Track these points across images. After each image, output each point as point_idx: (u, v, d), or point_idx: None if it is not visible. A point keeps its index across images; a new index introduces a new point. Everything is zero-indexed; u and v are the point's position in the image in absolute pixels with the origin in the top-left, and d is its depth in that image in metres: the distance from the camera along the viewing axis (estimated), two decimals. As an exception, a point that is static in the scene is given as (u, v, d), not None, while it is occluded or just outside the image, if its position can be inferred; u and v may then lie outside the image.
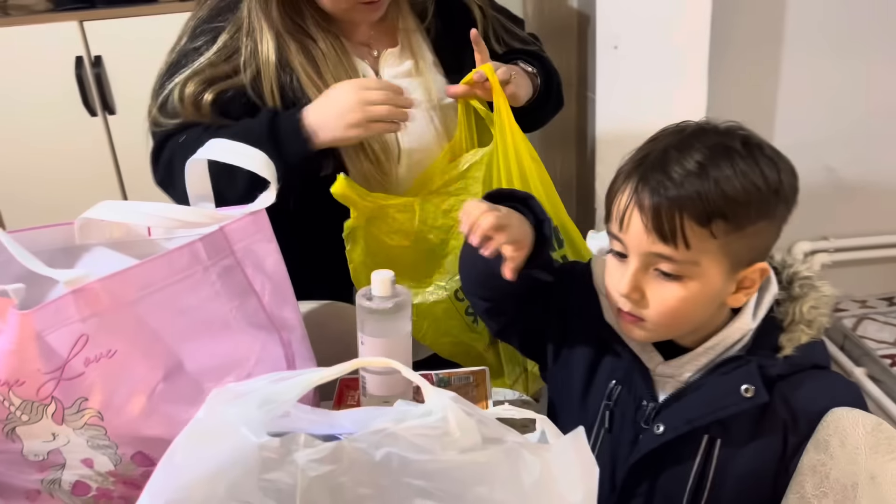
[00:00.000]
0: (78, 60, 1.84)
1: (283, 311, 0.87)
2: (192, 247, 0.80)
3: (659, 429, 0.81)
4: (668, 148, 0.76)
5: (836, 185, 2.30)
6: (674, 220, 0.72)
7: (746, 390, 0.76)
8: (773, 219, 0.76)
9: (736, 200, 0.72)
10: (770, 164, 0.75)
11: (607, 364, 0.88)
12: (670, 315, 0.77)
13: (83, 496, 0.80)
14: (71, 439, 0.76)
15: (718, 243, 0.73)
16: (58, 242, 0.88)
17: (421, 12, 1.22)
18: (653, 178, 0.74)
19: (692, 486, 0.81)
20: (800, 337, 0.79)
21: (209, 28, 1.13)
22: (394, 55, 1.20)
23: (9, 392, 0.71)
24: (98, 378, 0.73)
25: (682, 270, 0.75)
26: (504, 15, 1.31)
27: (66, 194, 1.58)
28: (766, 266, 0.78)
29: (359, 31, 1.19)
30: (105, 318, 0.73)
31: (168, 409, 0.75)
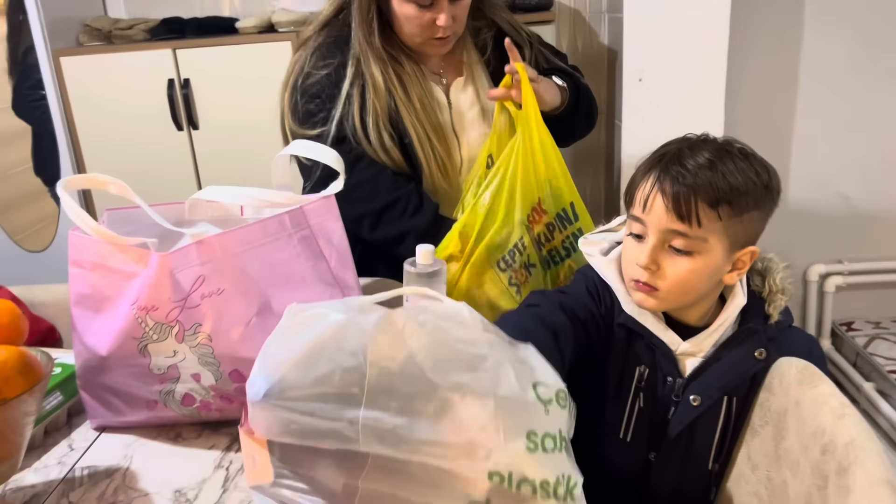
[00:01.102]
0: (170, 82, 2.09)
1: (344, 274, 1.08)
2: (280, 218, 1.01)
3: (696, 401, 0.94)
4: (681, 148, 0.93)
5: (850, 212, 2.43)
6: (690, 203, 0.88)
7: (760, 353, 0.93)
8: (762, 209, 0.92)
9: (738, 189, 0.88)
10: (761, 167, 0.93)
11: (634, 352, 0.99)
12: (681, 284, 0.91)
13: (189, 406, 1.01)
14: (187, 356, 0.97)
15: (723, 225, 0.89)
16: (171, 218, 1.10)
17: (482, 47, 1.45)
18: (672, 169, 0.90)
19: (718, 439, 0.95)
20: (780, 303, 0.96)
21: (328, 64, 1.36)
22: (460, 84, 1.44)
23: (146, 315, 0.94)
24: (210, 309, 0.94)
25: (692, 246, 0.90)
26: (549, 50, 1.53)
27: (155, 194, 1.83)
28: (756, 249, 0.93)
29: (431, 62, 1.42)
30: (217, 264, 0.94)
31: (258, 337, 0.92)
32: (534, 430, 0.66)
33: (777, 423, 0.86)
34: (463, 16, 1.35)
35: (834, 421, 0.74)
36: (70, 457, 0.98)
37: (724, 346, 0.96)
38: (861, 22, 2.25)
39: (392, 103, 1.35)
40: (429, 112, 1.38)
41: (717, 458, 0.97)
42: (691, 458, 0.98)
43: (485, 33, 1.46)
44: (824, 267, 2.48)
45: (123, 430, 1.04)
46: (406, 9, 1.31)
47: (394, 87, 1.35)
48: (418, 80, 1.38)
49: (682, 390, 0.96)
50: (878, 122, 2.35)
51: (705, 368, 0.95)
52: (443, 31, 1.32)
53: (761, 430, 0.89)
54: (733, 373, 0.94)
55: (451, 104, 1.43)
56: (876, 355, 2.33)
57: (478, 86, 1.45)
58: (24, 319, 0.89)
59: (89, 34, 2.21)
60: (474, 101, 1.44)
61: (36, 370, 0.80)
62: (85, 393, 1.02)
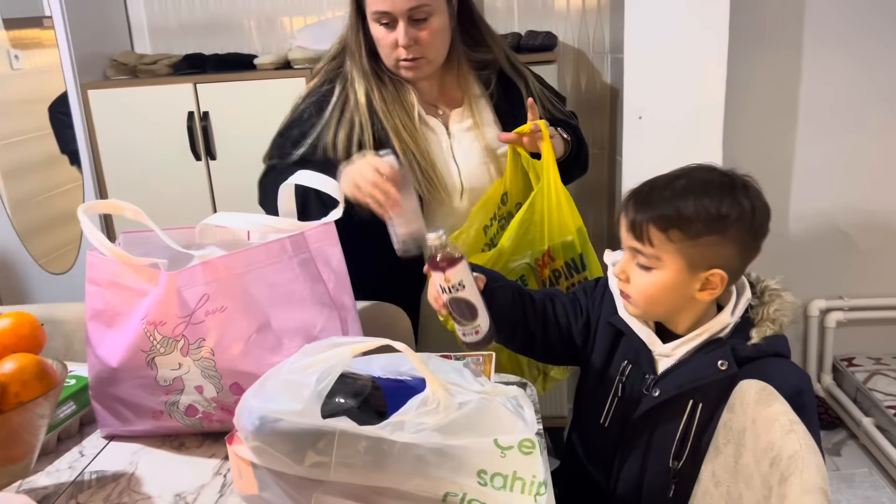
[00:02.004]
0: (190, 115, 2.18)
1: (342, 297, 1.15)
2: (282, 242, 1.08)
3: (656, 392, 1.06)
4: (656, 180, 1.05)
5: (850, 248, 2.48)
6: (641, 226, 1.02)
7: (722, 364, 1.01)
8: (723, 236, 1.00)
9: (688, 217, 0.99)
10: (730, 202, 1.00)
11: (621, 349, 1.14)
12: (644, 295, 1.05)
13: (192, 416, 1.08)
14: (191, 369, 1.04)
15: (675, 246, 1.00)
16: (182, 241, 1.17)
17: (486, 82, 1.52)
18: (639, 196, 1.04)
19: (679, 438, 1.05)
20: (765, 330, 1.04)
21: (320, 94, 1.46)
22: (458, 114, 1.50)
23: (154, 330, 1.01)
24: (213, 325, 1.01)
25: (650, 263, 1.03)
26: (550, 91, 1.62)
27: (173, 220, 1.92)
28: (724, 274, 1.01)
29: (427, 93, 1.49)
30: (221, 283, 1.02)
31: (257, 353, 1.03)
32: (484, 470, 0.78)
33: (737, 441, 0.92)
34: (430, 40, 1.38)
35: (782, 436, 0.79)
36: (80, 462, 1.06)
37: (695, 353, 1.06)
38: (858, 63, 2.31)
39: (377, 123, 1.41)
40: (411, 133, 1.42)
41: (678, 456, 1.05)
42: (654, 452, 1.07)
43: (490, 68, 1.52)
44: (825, 302, 2.52)
45: (131, 439, 1.11)
46: (376, 30, 1.39)
47: (376, 103, 1.41)
48: (401, 103, 1.44)
49: (652, 385, 1.07)
50: (876, 160, 2.40)
51: (675, 369, 1.06)
52: (405, 52, 1.37)
53: (724, 449, 0.94)
54: (693, 375, 1.03)
55: (450, 133, 1.49)
56: (875, 391, 2.35)
57: (478, 117, 1.50)
58: (43, 332, 0.97)
59: (116, 68, 2.33)
60: (474, 132, 1.49)
61: (51, 377, 0.88)
62: (96, 403, 1.10)
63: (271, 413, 0.78)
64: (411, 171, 1.40)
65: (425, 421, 0.78)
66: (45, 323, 1.33)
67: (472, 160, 1.49)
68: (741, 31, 2.20)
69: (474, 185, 1.48)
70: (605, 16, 2.34)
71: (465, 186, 1.48)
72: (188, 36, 2.52)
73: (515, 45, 2.18)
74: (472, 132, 1.50)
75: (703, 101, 2.03)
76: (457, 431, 0.79)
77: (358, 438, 0.77)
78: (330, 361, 0.81)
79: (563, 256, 1.45)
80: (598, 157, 2.45)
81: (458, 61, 1.49)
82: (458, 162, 1.48)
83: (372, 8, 1.36)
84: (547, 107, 1.56)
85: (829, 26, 2.29)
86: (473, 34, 1.50)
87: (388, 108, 1.42)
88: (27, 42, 2.50)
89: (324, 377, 0.80)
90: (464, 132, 1.50)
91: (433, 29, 1.37)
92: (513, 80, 1.53)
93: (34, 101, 2.52)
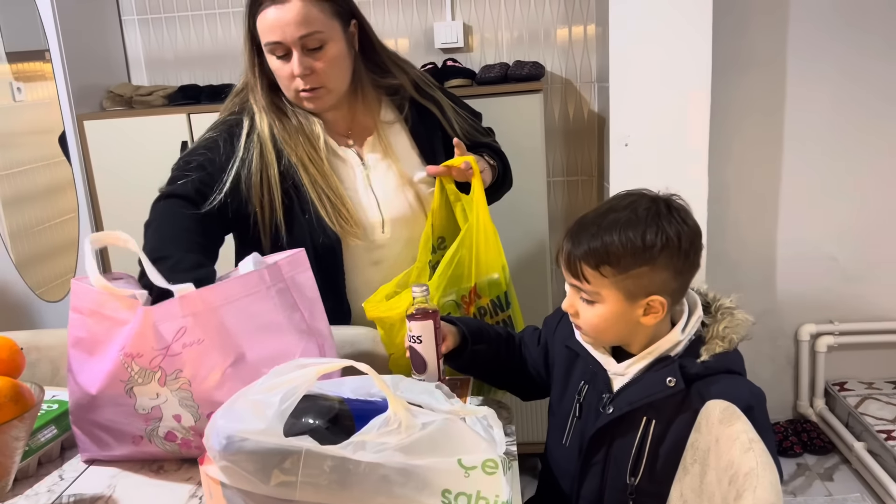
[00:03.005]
0: (184, 144, 2.21)
1: (317, 324, 1.16)
2: (260, 272, 1.10)
3: (609, 410, 1.08)
4: (587, 215, 1.08)
5: (838, 273, 2.50)
6: (576, 266, 1.06)
7: (670, 381, 1.04)
8: (653, 265, 1.03)
9: (616, 254, 1.02)
10: (655, 230, 1.03)
11: (578, 370, 1.17)
12: (593, 326, 1.09)
13: (172, 442, 1.09)
14: (168, 398, 1.05)
15: (610, 281, 1.04)
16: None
17: (399, 107, 1.51)
18: (574, 237, 1.07)
19: (634, 454, 1.07)
20: (714, 347, 1.06)
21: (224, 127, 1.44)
22: (370, 143, 1.46)
23: (132, 361, 1.03)
24: (190, 357, 1.02)
25: (591, 297, 1.07)
26: (465, 110, 1.60)
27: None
28: (662, 299, 1.04)
29: (336, 124, 1.46)
30: (198, 317, 1.02)
31: (234, 384, 1.02)
32: (448, 489, 0.81)
33: (703, 461, 0.93)
34: (327, 69, 1.36)
35: (741, 454, 0.80)
36: (59, 486, 1.07)
37: (646, 372, 1.08)
38: (843, 87, 2.35)
39: (284, 157, 1.38)
40: (318, 166, 1.38)
41: (634, 472, 1.07)
42: (611, 468, 1.10)
43: (401, 93, 1.50)
44: (815, 327, 2.53)
45: (110, 463, 1.12)
46: (272, 63, 1.36)
47: (279, 136, 1.38)
48: (306, 135, 1.40)
49: (608, 403, 1.09)
50: (863, 184, 2.42)
51: (628, 387, 1.09)
52: (302, 82, 1.35)
53: (691, 468, 0.95)
54: (644, 392, 1.06)
55: (365, 164, 1.46)
56: (867, 415, 2.35)
57: (387, 145, 1.47)
58: (22, 356, 0.99)
59: (112, 100, 2.37)
60: (388, 160, 1.46)
61: (27, 399, 0.90)
62: (76, 428, 1.11)
63: (238, 433, 0.80)
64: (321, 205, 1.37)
65: (387, 441, 0.80)
66: (32, 349, 1.36)
67: (390, 189, 1.46)
68: (725, 57, 2.25)
69: (395, 216, 1.45)
70: (591, 46, 2.38)
71: (384, 217, 1.44)
72: (183, 68, 2.58)
73: (503, 74, 2.22)
74: (386, 161, 1.47)
75: (688, 128, 2.06)
76: (420, 451, 0.81)
77: (323, 458, 0.79)
78: (294, 382, 0.82)
79: (489, 294, 1.46)
80: (586, 184, 2.48)
81: (363, 89, 1.46)
82: (375, 193, 1.45)
83: (264, 39, 1.34)
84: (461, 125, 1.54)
85: (814, 51, 2.33)
86: (376, 60, 1.48)
87: (291, 141, 1.39)
88: (30, 74, 2.55)
89: (287, 397, 0.81)
90: (378, 161, 1.46)
91: (329, 57, 1.35)
92: (425, 105, 1.51)
93: (35, 132, 2.57)
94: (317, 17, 1.32)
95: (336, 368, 0.86)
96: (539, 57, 2.40)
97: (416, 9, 2.42)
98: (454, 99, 1.60)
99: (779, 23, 2.32)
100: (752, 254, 2.51)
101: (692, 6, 1.98)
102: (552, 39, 2.40)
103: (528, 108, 2.13)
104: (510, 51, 2.42)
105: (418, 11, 2.42)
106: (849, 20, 2.30)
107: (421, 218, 1.47)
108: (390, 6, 2.43)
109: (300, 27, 1.31)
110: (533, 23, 2.39)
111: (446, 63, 2.32)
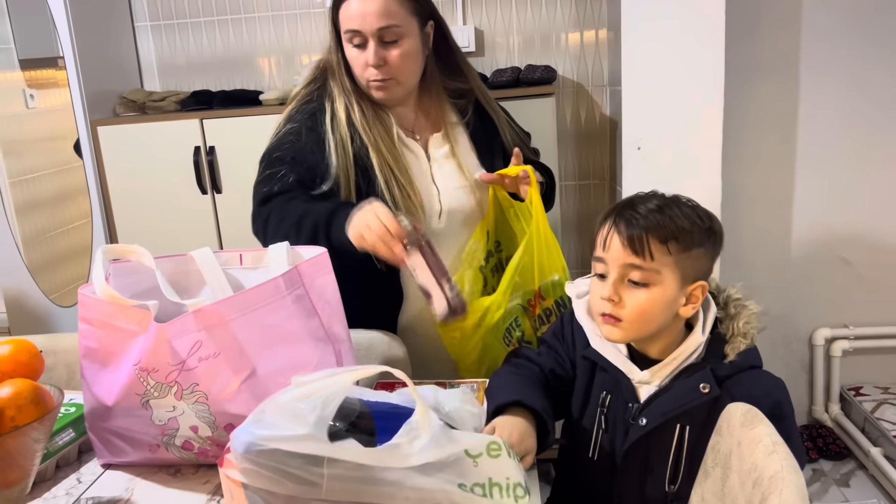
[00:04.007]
0: (196, 149, 2.23)
1: (336, 329, 1.15)
2: (275, 282, 1.06)
3: (643, 422, 1.05)
4: (633, 198, 1.08)
5: (853, 277, 2.48)
6: (643, 239, 1.02)
7: (704, 387, 1.02)
8: (707, 248, 1.04)
9: (684, 229, 1.01)
10: (704, 214, 1.06)
11: (599, 380, 1.13)
12: (641, 313, 1.03)
13: (189, 451, 1.09)
14: (185, 411, 1.04)
15: (673, 259, 1.02)
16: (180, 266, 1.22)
17: (462, 110, 1.56)
18: (626, 213, 1.04)
19: (672, 462, 1.05)
20: (738, 346, 1.05)
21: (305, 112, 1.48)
22: (438, 138, 1.53)
23: (147, 376, 1.02)
24: (206, 371, 1.00)
25: (648, 278, 1.02)
26: (520, 130, 1.65)
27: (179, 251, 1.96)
28: (705, 284, 1.04)
29: (404, 119, 1.52)
30: (213, 330, 1.00)
31: (250, 396, 1.01)
32: (464, 483, 0.81)
33: (724, 464, 0.92)
34: (400, 63, 1.41)
35: (765, 457, 0.80)
36: (77, 489, 1.07)
37: (676, 378, 1.06)
38: (856, 91, 2.34)
39: (357, 138, 1.43)
40: (389, 149, 1.44)
41: (673, 480, 1.05)
42: (649, 479, 1.07)
43: (466, 97, 1.56)
44: (829, 331, 2.51)
45: (128, 467, 1.12)
46: (349, 51, 1.42)
47: (355, 118, 1.43)
48: (381, 120, 1.46)
49: (638, 414, 1.06)
50: (877, 188, 2.41)
51: (658, 396, 1.06)
52: (375, 72, 1.40)
53: (712, 472, 0.94)
54: (678, 402, 1.03)
55: (429, 157, 1.52)
56: (883, 420, 2.33)
57: (454, 143, 1.53)
58: (41, 359, 1.00)
59: (125, 105, 2.39)
60: (450, 156, 1.52)
61: (47, 402, 0.90)
62: (92, 434, 1.11)
63: (270, 437, 0.80)
64: (388, 186, 1.42)
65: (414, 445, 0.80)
66: (48, 353, 1.35)
67: (451, 184, 1.51)
68: (738, 62, 2.24)
69: (453, 208, 1.50)
70: (603, 50, 2.38)
71: (444, 208, 1.49)
72: (196, 73, 2.59)
73: (515, 78, 2.22)
74: (452, 159, 1.52)
75: (701, 131, 2.05)
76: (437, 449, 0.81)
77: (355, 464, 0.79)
78: (331, 388, 0.83)
79: (553, 295, 1.48)
80: (598, 188, 2.48)
81: (434, 88, 1.52)
82: (437, 185, 1.50)
83: (344, 27, 1.40)
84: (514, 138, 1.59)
85: (826, 56, 2.32)
86: (449, 63, 1.54)
87: (367, 123, 1.44)
88: (43, 82, 2.57)
89: (329, 402, 0.82)
90: (443, 157, 1.52)
91: (403, 51, 1.41)
92: (487, 112, 1.57)
93: (48, 139, 2.59)
94: (396, 11, 1.38)
95: (370, 374, 0.86)
96: (551, 61, 2.40)
97: (427, 14, 2.42)
98: (510, 118, 1.65)
99: (792, 30, 2.31)
100: (765, 257, 2.49)
101: (705, 10, 1.97)
102: (564, 43, 2.40)
103: (540, 111, 2.13)
104: (522, 55, 2.42)
105: (430, 16, 2.42)
106: (861, 30, 2.29)
107: (476, 215, 1.52)
108: (402, 11, 2.43)
109: (380, 19, 1.37)
110: (544, 27, 2.39)
111: (458, 67, 2.32)
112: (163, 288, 1.08)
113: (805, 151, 2.40)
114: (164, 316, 1.03)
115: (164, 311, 1.05)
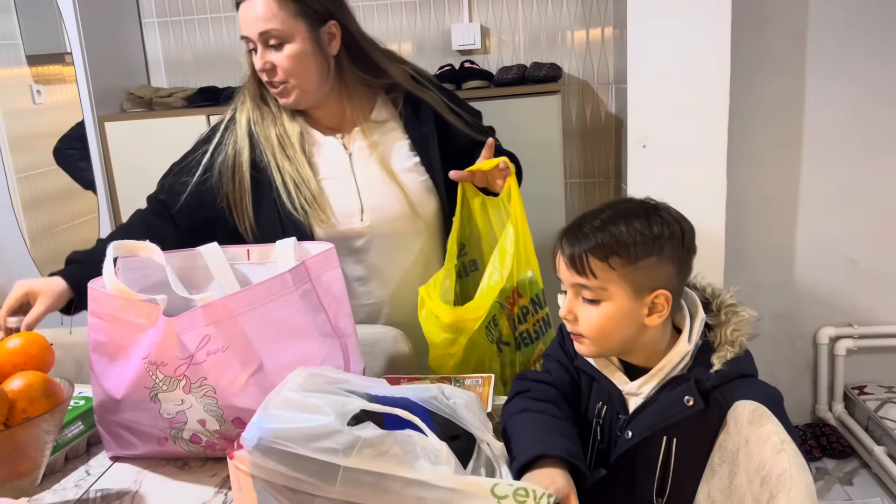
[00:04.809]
0: (203, 146, 2.26)
1: (342, 323, 1.16)
2: (283, 277, 1.08)
3: (628, 435, 1.03)
4: (585, 215, 1.05)
5: (858, 276, 2.48)
6: (583, 259, 1.00)
7: (688, 401, 0.99)
8: (660, 256, 1.00)
9: (625, 243, 0.98)
10: (659, 221, 1.00)
11: (595, 390, 1.11)
12: (597, 329, 1.01)
13: (196, 444, 1.10)
14: (193, 404, 1.04)
15: (618, 273, 0.99)
16: (189, 261, 1.23)
17: (395, 102, 1.52)
18: (570, 233, 1.03)
19: (659, 474, 1.02)
20: (725, 355, 1.01)
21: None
22: (355, 134, 1.49)
23: (156, 370, 1.03)
24: (214, 365, 1.01)
25: (596, 295, 1.01)
26: (464, 109, 1.59)
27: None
28: (668, 294, 1.01)
29: (326, 118, 1.50)
30: (221, 325, 1.01)
31: (258, 390, 1.03)
32: None
33: (731, 462, 0.92)
34: (288, 66, 1.39)
35: (773, 455, 0.80)
36: (86, 481, 1.08)
37: (661, 390, 1.03)
38: (862, 89, 2.34)
39: (257, 146, 1.44)
40: (291, 157, 1.44)
41: (661, 493, 1.03)
42: (636, 491, 1.05)
43: (397, 90, 1.53)
44: (834, 330, 2.51)
45: (136, 460, 1.13)
46: (251, 58, 1.43)
47: (255, 127, 1.45)
48: (284, 127, 1.46)
49: (625, 426, 1.04)
50: (883, 187, 2.41)
51: (644, 408, 1.04)
52: (265, 76, 1.41)
53: (719, 469, 0.95)
54: (663, 415, 1.01)
55: (349, 152, 1.49)
56: (887, 419, 2.33)
57: (379, 137, 1.50)
58: (52, 352, 1.00)
59: (132, 101, 2.39)
60: (371, 149, 1.49)
61: (58, 394, 0.90)
62: (101, 427, 1.12)
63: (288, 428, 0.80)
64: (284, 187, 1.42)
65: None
66: (57, 346, 1.36)
67: (372, 178, 1.48)
68: (744, 59, 2.24)
69: (375, 204, 1.47)
70: (608, 48, 2.38)
71: (364, 205, 1.47)
72: (202, 70, 2.60)
73: (520, 76, 2.22)
74: (370, 150, 1.49)
75: (706, 130, 2.05)
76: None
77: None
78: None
79: (529, 293, 1.46)
80: (603, 186, 2.48)
81: (351, 88, 1.49)
82: (357, 180, 1.48)
83: (240, 34, 1.42)
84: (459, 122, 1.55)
85: (832, 53, 2.32)
86: (366, 61, 1.50)
87: (264, 126, 1.46)
88: (49, 77, 2.58)
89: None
90: (362, 150, 1.49)
91: (289, 55, 1.38)
92: (421, 100, 1.53)
93: (54, 134, 2.59)
94: (276, 15, 1.37)
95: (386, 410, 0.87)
96: (556, 59, 2.40)
97: (433, 11, 2.43)
98: (454, 98, 1.60)
99: (798, 27, 2.31)
100: (770, 256, 2.50)
101: (711, 7, 1.97)
102: (569, 41, 2.40)
103: (546, 109, 2.13)
104: (527, 52, 2.42)
105: (436, 14, 2.43)
106: (868, 27, 2.29)
107: (407, 212, 1.48)
108: (408, 8, 2.44)
109: (262, 23, 1.37)
110: (550, 25, 2.39)
111: (464, 65, 2.32)
112: (172, 283, 1.09)
113: (811, 149, 2.40)
114: (172, 310, 1.04)
115: (173, 306, 1.06)
